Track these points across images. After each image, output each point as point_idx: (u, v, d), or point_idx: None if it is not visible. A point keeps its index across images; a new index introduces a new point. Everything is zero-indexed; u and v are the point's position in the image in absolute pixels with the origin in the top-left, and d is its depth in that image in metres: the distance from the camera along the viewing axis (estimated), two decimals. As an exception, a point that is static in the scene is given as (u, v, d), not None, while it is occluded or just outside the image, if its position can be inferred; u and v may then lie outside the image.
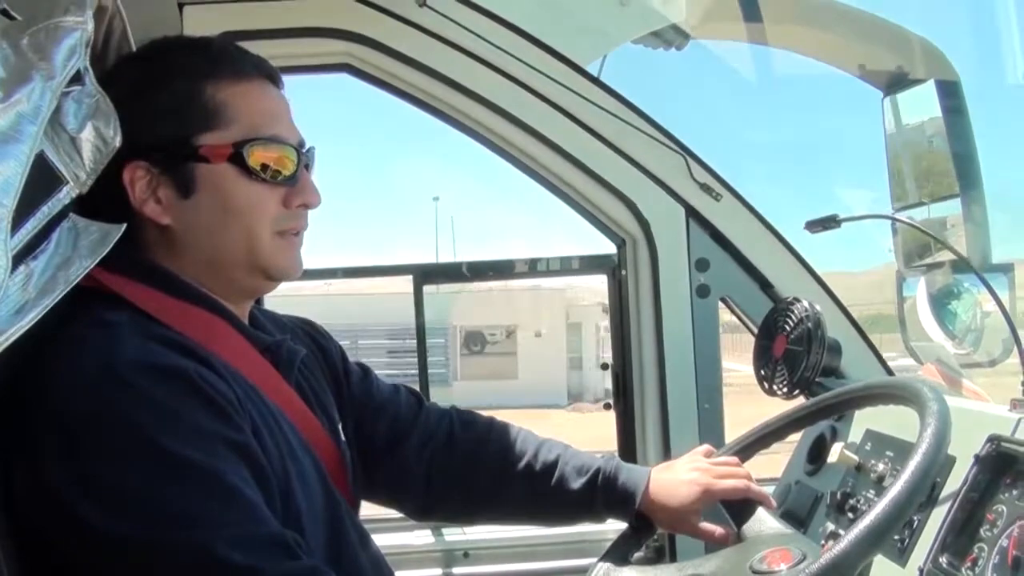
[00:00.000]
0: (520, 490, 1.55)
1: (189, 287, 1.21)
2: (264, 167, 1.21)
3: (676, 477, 1.50)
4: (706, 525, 1.48)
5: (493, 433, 1.59)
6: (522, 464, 1.54)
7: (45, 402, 1.04)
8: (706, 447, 1.59)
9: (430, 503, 1.60)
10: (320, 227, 1.40)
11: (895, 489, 1.08)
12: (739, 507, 1.42)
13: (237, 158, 1.20)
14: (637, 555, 1.51)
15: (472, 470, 1.55)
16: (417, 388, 2.24)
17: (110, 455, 1.01)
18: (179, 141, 1.19)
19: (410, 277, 2.51)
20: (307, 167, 1.28)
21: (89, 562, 1.03)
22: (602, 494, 1.51)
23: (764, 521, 1.36)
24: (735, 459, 1.52)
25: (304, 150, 1.27)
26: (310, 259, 1.36)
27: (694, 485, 1.46)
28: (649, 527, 1.52)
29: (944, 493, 1.40)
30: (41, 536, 1.04)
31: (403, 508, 1.65)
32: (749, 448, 1.55)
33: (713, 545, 1.49)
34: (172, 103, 1.20)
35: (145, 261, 1.21)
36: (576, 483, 1.52)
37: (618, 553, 1.48)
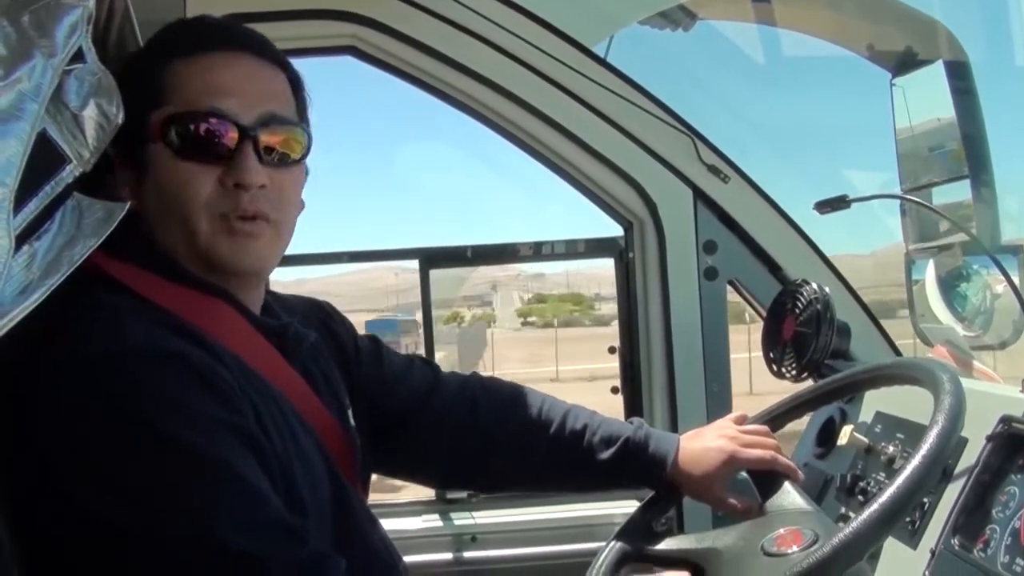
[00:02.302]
0: (547, 460, 1.53)
1: (188, 272, 1.19)
2: (193, 144, 1.14)
3: (704, 444, 1.49)
4: (730, 496, 1.47)
5: (518, 402, 1.56)
6: (548, 434, 1.52)
7: (46, 389, 1.02)
8: (739, 414, 1.57)
9: (453, 474, 1.60)
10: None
11: (907, 471, 1.07)
12: (765, 478, 1.40)
13: (164, 135, 1.14)
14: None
15: (496, 440, 1.53)
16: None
17: (112, 443, 1.00)
18: (134, 121, 1.10)
19: (416, 261, 2.51)
20: (256, 144, 1.17)
21: (93, 551, 1.02)
22: (632, 464, 1.50)
23: (787, 495, 1.35)
24: (765, 428, 1.51)
25: (262, 127, 1.17)
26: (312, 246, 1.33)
27: (720, 452, 1.45)
28: (674, 495, 1.52)
29: (956, 475, 1.39)
30: (43, 525, 1.02)
31: (425, 480, 1.64)
32: (781, 418, 1.54)
33: (722, 521, 1.48)
34: (132, 85, 1.12)
35: (146, 245, 1.18)
36: (604, 453, 1.50)
37: (633, 530, 1.47)
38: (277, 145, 1.19)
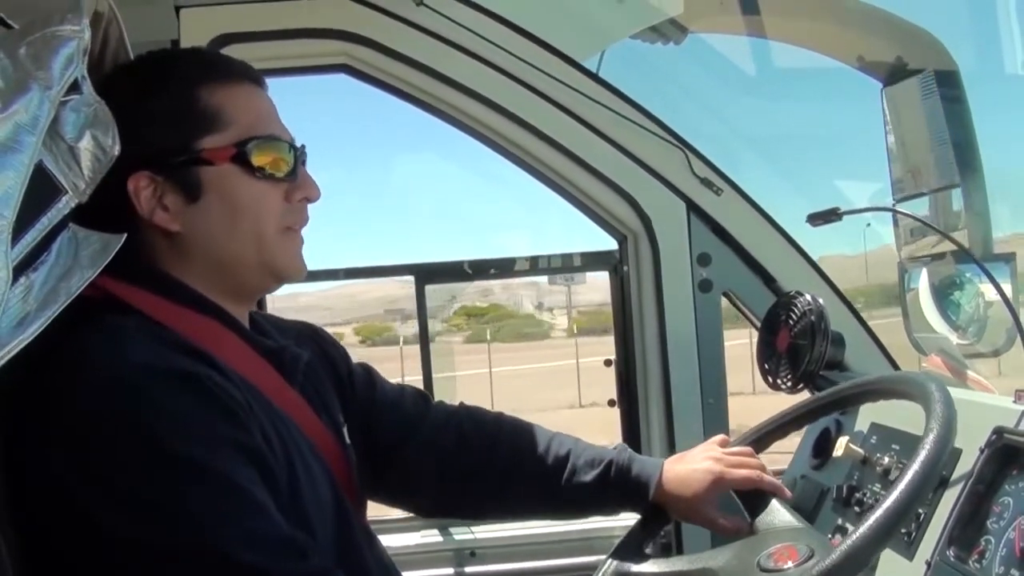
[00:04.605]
0: (532, 486, 1.55)
1: (193, 293, 1.22)
2: (266, 165, 1.23)
3: (689, 466, 1.50)
4: (721, 516, 1.49)
5: (504, 429, 1.59)
6: (534, 460, 1.54)
7: (56, 408, 1.04)
8: (721, 437, 1.59)
9: (441, 501, 1.61)
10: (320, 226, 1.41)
11: (902, 485, 1.08)
12: (752, 498, 1.42)
13: (240, 157, 1.21)
14: (646, 552, 1.50)
15: (483, 467, 1.55)
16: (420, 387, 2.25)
17: (122, 460, 1.02)
18: (181, 147, 1.20)
19: (411, 277, 2.51)
20: (303, 163, 1.29)
21: (101, 564, 1.04)
22: (615, 487, 1.52)
23: (777, 513, 1.37)
24: (749, 449, 1.53)
25: (298, 147, 1.29)
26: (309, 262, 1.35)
27: (707, 474, 1.47)
28: (662, 518, 1.53)
29: (950, 486, 1.40)
30: (53, 541, 1.05)
31: (413, 507, 1.66)
32: (764, 439, 1.56)
33: (720, 539, 1.49)
34: (169, 110, 1.21)
35: (149, 268, 1.21)
36: (588, 476, 1.52)
37: (630, 547, 1.48)
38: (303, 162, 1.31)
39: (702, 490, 1.47)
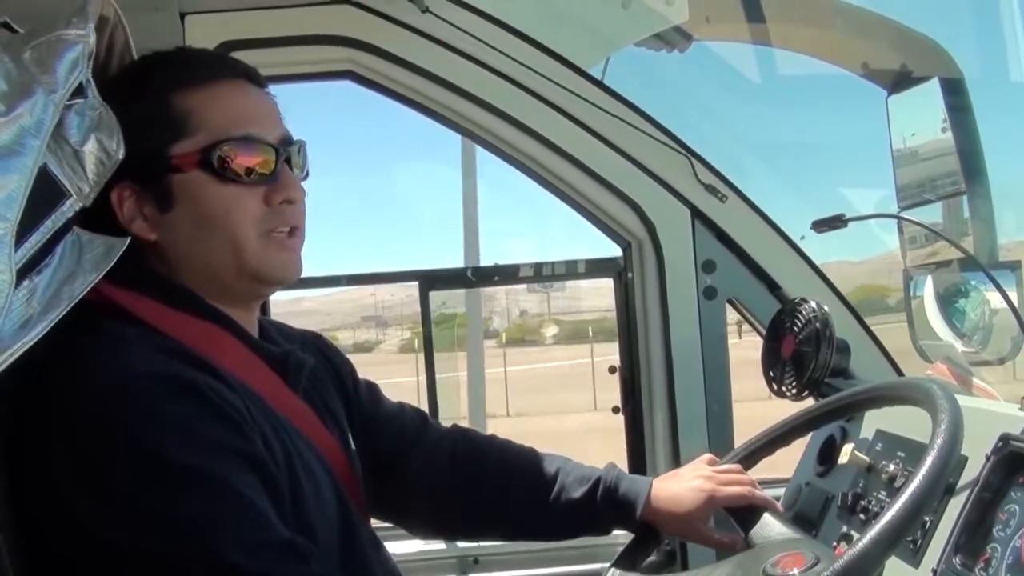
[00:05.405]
0: (522, 504, 1.56)
1: (193, 299, 1.21)
2: (238, 168, 1.19)
3: (680, 485, 1.51)
4: (715, 532, 1.50)
5: (494, 449, 1.61)
6: (524, 479, 1.56)
7: (56, 413, 1.05)
8: (709, 456, 1.61)
9: (433, 520, 1.62)
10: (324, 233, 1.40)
11: (910, 490, 1.07)
12: (745, 513, 1.43)
13: (206, 163, 1.18)
14: (648, 560, 1.51)
15: (474, 487, 1.56)
16: (424, 396, 2.26)
17: (121, 464, 1.02)
18: (153, 154, 1.18)
19: (416, 284, 2.51)
20: (289, 162, 1.25)
21: (101, 567, 1.04)
22: (603, 504, 1.52)
23: (771, 526, 1.38)
24: (738, 466, 1.54)
25: (287, 146, 1.25)
26: (313, 267, 1.34)
27: (699, 492, 1.48)
28: (654, 535, 1.53)
29: (956, 493, 1.39)
30: (53, 543, 1.05)
31: (406, 524, 1.65)
32: (754, 455, 1.58)
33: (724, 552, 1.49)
34: (144, 118, 1.18)
35: (150, 274, 1.21)
36: (577, 494, 1.53)
37: (629, 559, 1.49)
38: (297, 161, 1.27)
39: (694, 508, 1.48)
